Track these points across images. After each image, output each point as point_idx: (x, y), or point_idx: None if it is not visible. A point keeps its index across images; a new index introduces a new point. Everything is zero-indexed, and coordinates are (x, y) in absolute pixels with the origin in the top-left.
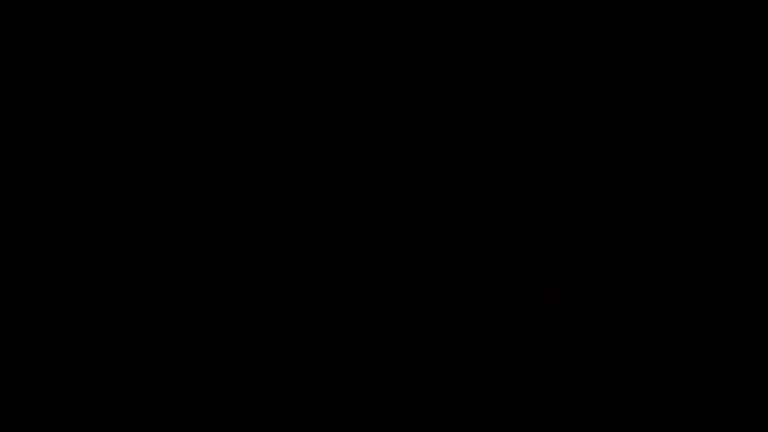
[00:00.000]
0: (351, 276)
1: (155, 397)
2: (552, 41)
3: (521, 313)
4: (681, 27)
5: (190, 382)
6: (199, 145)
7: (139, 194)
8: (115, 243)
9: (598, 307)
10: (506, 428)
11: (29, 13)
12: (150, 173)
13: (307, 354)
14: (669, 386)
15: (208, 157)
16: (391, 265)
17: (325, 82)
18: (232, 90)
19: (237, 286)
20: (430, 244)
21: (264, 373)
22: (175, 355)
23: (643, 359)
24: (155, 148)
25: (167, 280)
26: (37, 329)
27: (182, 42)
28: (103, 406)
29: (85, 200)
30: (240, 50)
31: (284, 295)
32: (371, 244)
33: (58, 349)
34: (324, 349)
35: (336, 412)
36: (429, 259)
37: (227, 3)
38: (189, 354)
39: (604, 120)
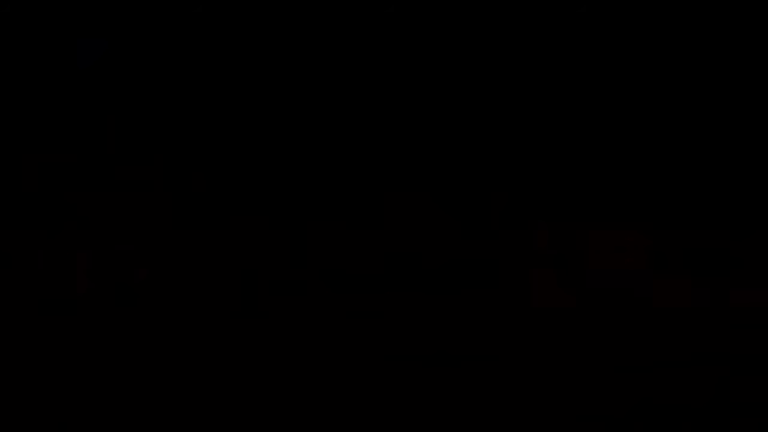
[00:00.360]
0: (351, 276)
1: (155, 396)
2: (552, 42)
3: (521, 313)
4: (680, 28)
5: (190, 382)
6: (199, 145)
7: (139, 194)
8: (115, 243)
9: (598, 307)
10: (506, 428)
11: (29, 13)
12: (150, 173)
13: (307, 354)
14: (669, 386)
15: (208, 157)
16: (391, 265)
17: (325, 82)
18: (232, 90)
19: (237, 286)
20: (430, 244)
21: (264, 373)
22: (175, 355)
23: (643, 359)
24: (155, 148)
25: (167, 280)
26: (37, 329)
27: (182, 42)
28: (103, 406)
29: (85, 200)
30: (240, 50)
31: (284, 295)
32: (371, 244)
33: (58, 349)
34: (324, 349)
35: (336, 412)
36: (429, 259)
37: (227, 3)
38: (189, 354)
39: (604, 121)
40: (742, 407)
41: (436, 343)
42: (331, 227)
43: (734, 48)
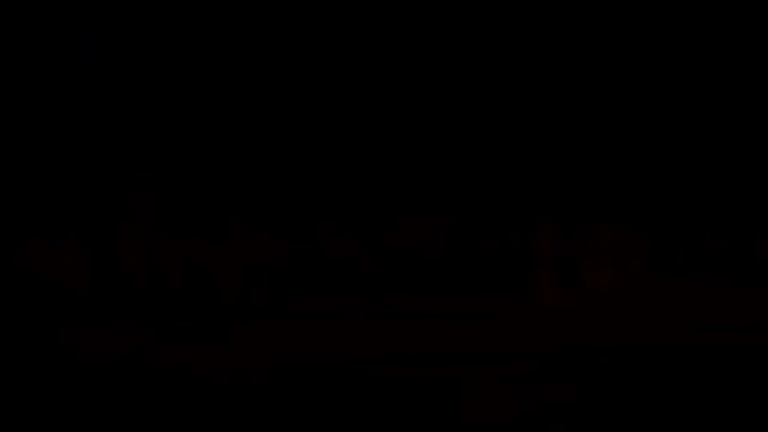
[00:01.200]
0: (351, 276)
1: (154, 395)
2: (554, 47)
3: (521, 313)
4: (678, 34)
5: (189, 381)
6: (199, 145)
7: (140, 194)
8: (115, 242)
9: (598, 307)
10: (506, 428)
11: (30, 13)
12: (150, 173)
13: (307, 354)
14: (669, 386)
15: (209, 157)
16: (391, 265)
17: (325, 81)
18: (232, 90)
19: (237, 286)
20: (431, 244)
21: (264, 373)
22: (174, 355)
23: (643, 359)
24: (155, 148)
25: (167, 280)
26: (37, 329)
27: (182, 42)
28: (103, 405)
29: (85, 200)
30: (240, 51)
31: (284, 295)
32: (372, 244)
33: (58, 349)
34: (324, 349)
35: (335, 412)
36: (429, 259)
37: (227, 3)
38: (189, 354)
39: (604, 123)
40: (742, 407)
41: (436, 343)
42: (331, 227)
43: (733, 51)
